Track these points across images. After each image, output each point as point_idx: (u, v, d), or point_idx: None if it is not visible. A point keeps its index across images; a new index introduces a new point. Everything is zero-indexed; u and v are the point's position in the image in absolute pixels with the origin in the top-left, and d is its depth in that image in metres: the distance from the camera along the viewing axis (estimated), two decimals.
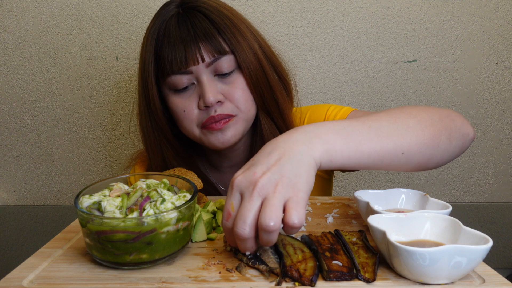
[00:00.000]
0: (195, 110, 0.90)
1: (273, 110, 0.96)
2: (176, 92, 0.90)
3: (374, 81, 1.49)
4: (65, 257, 0.64)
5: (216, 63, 0.87)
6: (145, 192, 0.64)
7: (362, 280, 0.55)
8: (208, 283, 0.55)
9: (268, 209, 0.54)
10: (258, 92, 0.92)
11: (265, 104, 0.95)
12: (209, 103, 0.87)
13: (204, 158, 1.08)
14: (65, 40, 1.43)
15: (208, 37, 0.86)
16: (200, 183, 0.81)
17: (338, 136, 0.63)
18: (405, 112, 0.73)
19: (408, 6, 1.43)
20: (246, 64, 0.89)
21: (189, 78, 0.88)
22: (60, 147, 1.53)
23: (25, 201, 1.58)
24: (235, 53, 0.88)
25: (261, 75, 0.92)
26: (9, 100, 1.48)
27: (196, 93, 0.90)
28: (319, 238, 0.65)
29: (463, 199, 1.61)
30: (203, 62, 0.86)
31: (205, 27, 0.87)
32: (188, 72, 0.87)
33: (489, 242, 0.52)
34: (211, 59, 0.87)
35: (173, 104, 0.92)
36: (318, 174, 1.05)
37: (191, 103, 0.90)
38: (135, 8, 1.42)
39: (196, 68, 0.87)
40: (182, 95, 0.90)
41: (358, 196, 0.73)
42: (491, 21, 1.45)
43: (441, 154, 0.74)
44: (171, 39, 0.87)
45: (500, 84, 1.51)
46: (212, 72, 0.89)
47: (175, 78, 0.88)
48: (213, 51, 0.86)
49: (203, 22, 0.87)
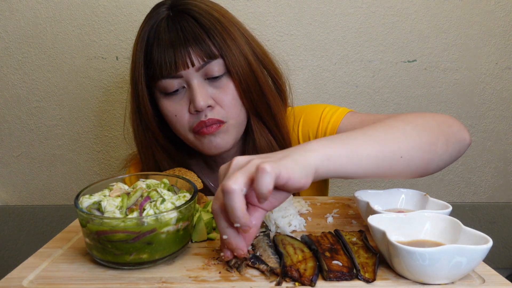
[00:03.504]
0: (186, 115, 0.89)
1: (265, 114, 0.95)
2: (167, 96, 0.90)
3: (374, 81, 1.49)
4: (65, 257, 0.64)
5: (206, 67, 0.87)
6: (145, 192, 0.64)
7: (362, 280, 0.55)
8: (208, 283, 0.56)
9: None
10: (248, 96, 0.92)
11: (255, 108, 0.94)
12: (199, 107, 0.86)
13: (199, 160, 1.07)
14: (65, 40, 1.43)
15: (197, 41, 0.85)
16: (200, 183, 0.81)
17: (334, 143, 0.62)
18: (400, 119, 0.73)
19: (408, 6, 1.43)
20: (236, 69, 0.88)
21: (180, 82, 0.88)
22: (60, 147, 1.53)
23: (25, 201, 1.58)
24: (224, 57, 0.87)
25: (251, 79, 0.91)
26: (9, 100, 1.48)
27: (187, 97, 0.89)
28: (319, 238, 0.65)
29: (463, 199, 1.61)
30: (193, 66, 0.86)
31: (195, 31, 0.86)
32: (178, 76, 0.87)
33: (489, 242, 0.52)
34: (201, 64, 0.86)
35: (164, 108, 0.91)
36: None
37: (182, 108, 0.89)
38: (135, 8, 1.42)
39: (186, 73, 0.86)
40: (173, 98, 0.90)
41: (358, 196, 0.73)
42: (491, 21, 1.45)
43: (438, 159, 0.74)
44: (161, 42, 0.86)
45: (500, 84, 1.51)
46: (203, 76, 0.88)
47: (165, 82, 0.87)
48: (203, 55, 0.86)
49: (192, 26, 0.86)
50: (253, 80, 0.91)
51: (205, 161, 1.07)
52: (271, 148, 0.96)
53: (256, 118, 0.96)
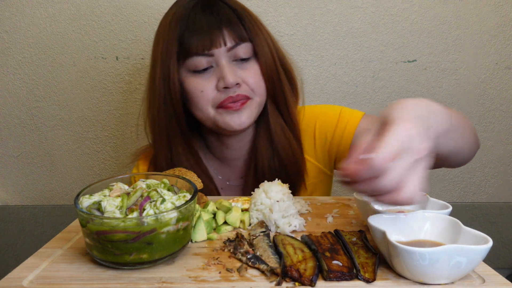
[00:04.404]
0: (213, 91, 0.93)
1: (281, 102, 1.00)
2: (195, 73, 0.94)
3: (374, 81, 1.49)
4: (65, 257, 0.64)
5: (236, 49, 0.92)
6: (145, 192, 0.64)
7: (362, 280, 0.55)
8: (208, 283, 0.56)
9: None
10: (270, 81, 0.97)
11: (274, 95, 0.99)
12: (229, 84, 0.91)
13: (207, 150, 1.09)
14: (65, 40, 1.43)
15: (231, 23, 0.92)
16: (200, 183, 0.81)
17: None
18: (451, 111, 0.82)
19: (408, 6, 1.43)
20: (262, 54, 0.95)
21: (210, 60, 0.92)
22: (60, 147, 1.53)
23: (25, 201, 1.58)
24: (253, 41, 0.94)
25: (273, 67, 0.97)
26: (9, 100, 1.48)
27: (215, 76, 0.93)
28: (319, 238, 0.65)
29: (463, 199, 1.61)
30: (225, 46, 0.91)
31: (229, 14, 0.93)
32: (210, 54, 0.91)
33: (489, 242, 0.52)
34: (233, 44, 0.92)
35: (190, 85, 0.94)
36: (321, 169, 1.06)
37: (209, 84, 0.93)
38: (135, 8, 1.42)
39: (218, 51, 0.91)
40: (201, 76, 0.94)
41: (358, 196, 0.73)
42: (491, 21, 1.45)
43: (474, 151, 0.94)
44: (197, 23, 0.91)
45: (500, 84, 1.51)
46: (231, 57, 0.93)
47: (196, 59, 0.92)
48: (235, 37, 0.92)
49: (226, 10, 0.93)
50: (274, 67, 0.97)
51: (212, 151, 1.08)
52: (283, 131, 1.01)
53: (273, 105, 1.01)
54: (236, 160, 1.07)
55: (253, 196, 0.80)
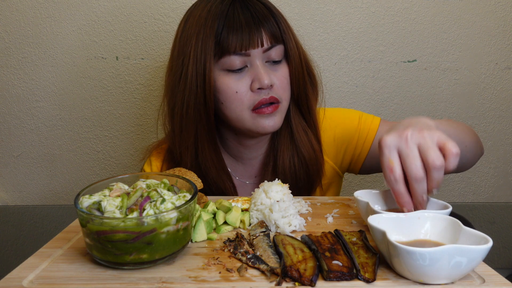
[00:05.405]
0: (247, 92, 0.92)
1: (303, 104, 1.01)
2: (229, 72, 0.92)
3: (374, 81, 1.49)
4: (65, 257, 0.64)
5: (270, 50, 0.92)
6: (145, 192, 0.64)
7: (362, 280, 0.55)
8: (208, 283, 0.56)
9: (430, 152, 0.64)
10: (296, 84, 0.97)
11: (298, 98, 0.99)
12: (265, 85, 0.90)
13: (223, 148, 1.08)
14: (65, 40, 1.43)
15: (268, 23, 0.92)
16: (200, 183, 0.81)
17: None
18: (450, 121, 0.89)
19: (408, 6, 1.43)
20: (294, 57, 0.95)
21: (244, 60, 0.91)
22: (60, 147, 1.53)
23: (25, 201, 1.58)
24: (286, 43, 0.94)
25: (301, 71, 0.97)
26: (9, 100, 1.48)
27: (249, 76, 0.92)
28: (319, 238, 0.65)
29: (463, 199, 1.61)
30: (261, 46, 0.91)
31: (265, 12, 0.92)
32: (246, 54, 0.91)
33: (489, 242, 0.52)
34: (268, 46, 0.92)
35: (224, 84, 0.93)
36: (336, 171, 1.08)
37: (244, 85, 0.92)
38: (135, 8, 1.42)
39: (255, 52, 0.91)
40: (235, 76, 0.92)
41: (358, 196, 0.73)
42: (491, 21, 1.45)
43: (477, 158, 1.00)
44: (236, 21, 0.90)
45: (500, 84, 1.51)
46: (265, 59, 0.93)
47: (233, 58, 0.91)
48: (271, 37, 0.92)
49: (262, 8, 0.93)
50: (302, 72, 0.98)
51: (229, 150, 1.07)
52: (305, 131, 1.02)
53: (295, 107, 1.01)
54: (252, 160, 1.07)
55: (253, 196, 0.80)
